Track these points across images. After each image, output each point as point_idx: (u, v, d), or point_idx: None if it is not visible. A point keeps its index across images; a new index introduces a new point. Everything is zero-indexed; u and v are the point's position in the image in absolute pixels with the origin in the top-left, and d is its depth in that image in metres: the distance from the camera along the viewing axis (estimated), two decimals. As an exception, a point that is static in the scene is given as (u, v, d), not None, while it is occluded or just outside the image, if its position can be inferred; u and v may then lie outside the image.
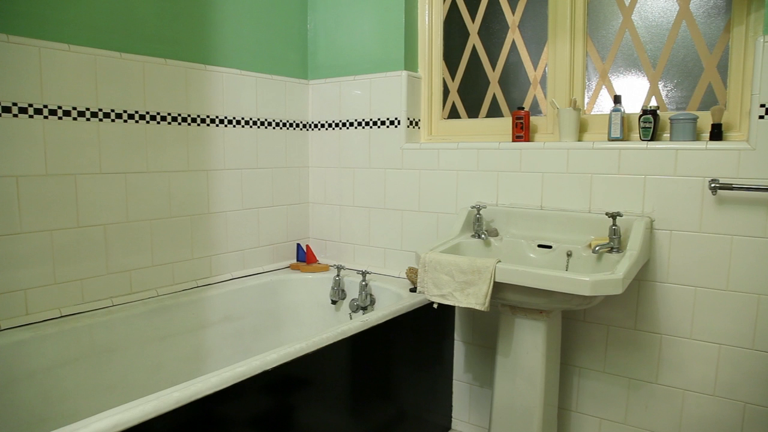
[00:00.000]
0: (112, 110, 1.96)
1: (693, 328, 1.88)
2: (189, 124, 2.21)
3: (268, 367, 1.51)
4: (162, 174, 2.13)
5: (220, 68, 2.31)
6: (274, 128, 2.58)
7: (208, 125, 2.29)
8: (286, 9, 2.60)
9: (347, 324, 1.80)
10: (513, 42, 2.33)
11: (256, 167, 2.52)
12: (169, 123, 2.14)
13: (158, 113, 2.10)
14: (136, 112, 2.03)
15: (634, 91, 2.08)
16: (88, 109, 1.89)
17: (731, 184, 1.73)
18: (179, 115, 2.17)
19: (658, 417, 1.97)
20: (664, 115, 1.97)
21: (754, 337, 1.78)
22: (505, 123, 2.32)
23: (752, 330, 1.78)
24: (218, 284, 2.35)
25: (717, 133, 1.84)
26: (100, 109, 1.92)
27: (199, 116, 2.25)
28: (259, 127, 2.51)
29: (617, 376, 2.04)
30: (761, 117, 1.70)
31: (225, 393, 1.40)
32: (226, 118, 2.36)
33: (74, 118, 1.86)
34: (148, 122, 2.07)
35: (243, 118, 2.43)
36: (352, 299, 2.44)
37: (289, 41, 2.64)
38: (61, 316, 1.85)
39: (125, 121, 2.00)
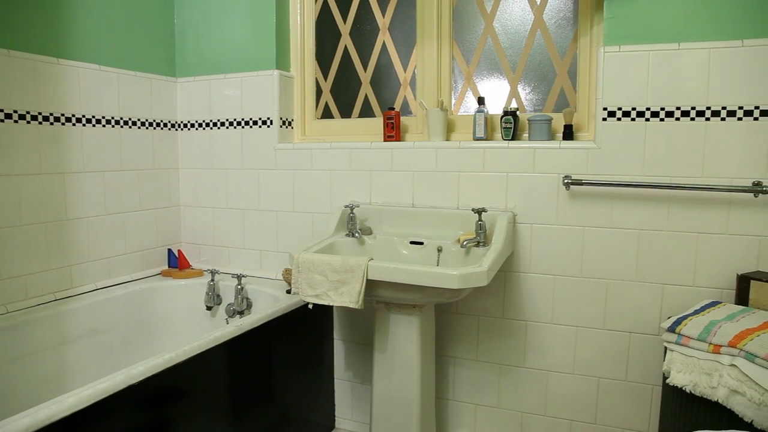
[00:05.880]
0: (-55, 108, 1.75)
1: (554, 314, 2.03)
2: (40, 123, 2.03)
3: (134, 381, 1.42)
4: (9, 177, 1.94)
5: (75, 62, 2.14)
6: (139, 128, 2.44)
7: (63, 124, 2.11)
8: (150, 2, 2.47)
9: (220, 330, 1.74)
10: (384, 44, 2.37)
11: (121, 169, 2.36)
12: (16, 121, 1.95)
13: (2, 110, 1.91)
14: (-25, 109, 1.83)
15: (497, 93, 2.20)
16: None
17: (581, 180, 1.89)
18: (28, 112, 1.98)
19: (527, 398, 2.11)
20: (523, 117, 2.10)
21: (605, 318, 1.96)
22: (377, 123, 2.36)
23: (603, 312, 1.96)
24: (81, 296, 2.17)
25: (569, 133, 2.00)
26: (-71, 107, 1.72)
27: (52, 114, 2.07)
28: (122, 126, 2.36)
29: (489, 363, 2.15)
30: (604, 119, 1.87)
31: (86, 413, 1.30)
32: (84, 116, 2.19)
33: None
34: (-10, 121, 1.88)
35: (104, 117, 2.27)
36: (228, 304, 2.37)
37: (154, 37, 2.50)
38: None
39: (-39, 119, 1.80)
